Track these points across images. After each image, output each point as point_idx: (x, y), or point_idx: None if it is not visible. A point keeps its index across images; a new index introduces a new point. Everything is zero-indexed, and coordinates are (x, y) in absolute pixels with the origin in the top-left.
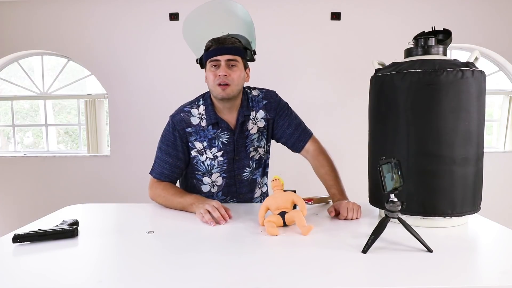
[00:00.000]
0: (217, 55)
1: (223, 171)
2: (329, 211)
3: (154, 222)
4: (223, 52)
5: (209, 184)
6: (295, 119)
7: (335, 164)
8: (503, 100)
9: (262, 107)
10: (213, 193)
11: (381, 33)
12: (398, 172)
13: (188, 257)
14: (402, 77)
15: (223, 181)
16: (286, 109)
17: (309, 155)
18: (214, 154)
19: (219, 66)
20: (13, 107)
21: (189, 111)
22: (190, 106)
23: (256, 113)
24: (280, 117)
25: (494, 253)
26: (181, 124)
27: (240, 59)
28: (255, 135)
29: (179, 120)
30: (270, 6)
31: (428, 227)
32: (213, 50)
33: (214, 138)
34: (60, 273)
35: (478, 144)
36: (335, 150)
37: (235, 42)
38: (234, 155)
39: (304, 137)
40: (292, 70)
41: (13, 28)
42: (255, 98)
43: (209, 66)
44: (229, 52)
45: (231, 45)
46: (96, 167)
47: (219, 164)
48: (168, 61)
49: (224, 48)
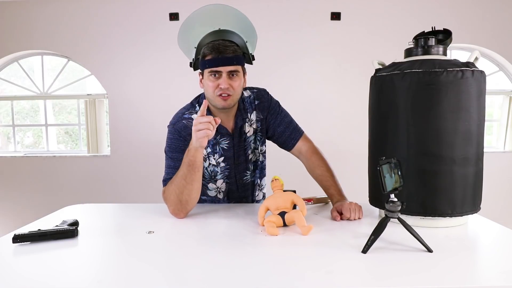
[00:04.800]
0: (219, 66)
1: (226, 177)
2: (335, 216)
3: (154, 222)
4: (225, 63)
5: (215, 190)
6: (286, 117)
7: (329, 163)
8: (503, 100)
9: (255, 108)
10: (220, 199)
11: (381, 33)
12: (398, 172)
13: (188, 257)
14: (402, 77)
15: (226, 187)
16: (277, 107)
17: (302, 155)
18: (216, 161)
19: (220, 76)
20: (13, 107)
21: (190, 117)
22: (189, 113)
23: (251, 115)
24: (272, 115)
25: (494, 253)
26: (186, 130)
27: (241, 67)
28: (252, 137)
29: (183, 127)
30: (270, 6)
31: (428, 227)
32: (213, 60)
33: (215, 144)
34: (60, 273)
35: (478, 144)
36: (335, 150)
37: (236, 51)
38: (234, 160)
39: (295, 135)
40: (292, 70)
41: (13, 28)
42: (247, 99)
43: (208, 75)
44: (230, 63)
45: (232, 55)
46: (96, 167)
47: (222, 170)
48: (168, 61)
49: (225, 58)
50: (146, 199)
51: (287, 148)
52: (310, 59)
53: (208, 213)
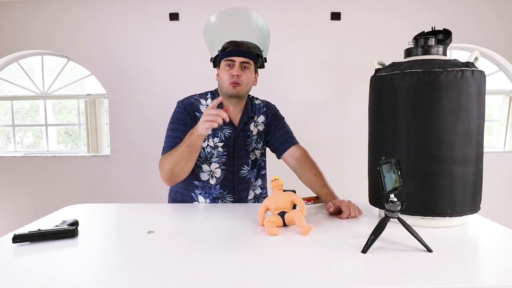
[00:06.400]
0: (233, 56)
1: (222, 163)
2: (328, 207)
3: (154, 222)
4: (239, 54)
5: (208, 173)
6: (286, 127)
7: (321, 170)
8: (503, 100)
9: (263, 112)
10: (212, 185)
11: (381, 33)
12: (398, 172)
13: (188, 257)
14: (402, 77)
15: (221, 174)
16: (281, 118)
17: (294, 159)
18: (215, 144)
19: (233, 66)
20: (13, 107)
21: (198, 99)
22: (199, 96)
23: (258, 118)
24: (275, 121)
25: (494, 253)
26: (192, 107)
27: (253, 63)
28: (255, 137)
29: (190, 103)
30: (270, 6)
31: (428, 227)
32: (230, 51)
33: (217, 129)
34: (60, 273)
35: (478, 144)
36: (335, 150)
37: (251, 48)
38: (234, 150)
39: (291, 141)
40: (292, 70)
41: (13, 28)
42: (257, 106)
43: (224, 65)
44: (244, 55)
45: (247, 49)
46: (96, 167)
47: (219, 154)
48: (168, 61)
49: (240, 50)
50: (146, 199)
51: (282, 150)
52: (310, 59)
53: (208, 213)
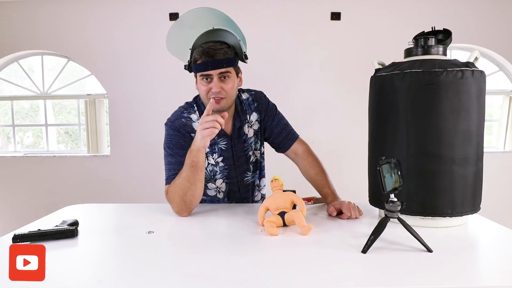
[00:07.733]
0: (208, 70)
1: (225, 177)
2: (331, 211)
3: (154, 222)
4: (215, 66)
5: (214, 190)
6: (282, 120)
7: (324, 166)
8: (503, 100)
9: (254, 109)
10: (220, 199)
11: (381, 33)
12: (397, 172)
13: (188, 257)
14: (402, 77)
15: (227, 187)
16: (274, 109)
17: (298, 156)
18: (215, 160)
19: (211, 79)
20: (13, 107)
21: (189, 116)
22: (187, 112)
23: (250, 116)
24: (269, 117)
25: (494, 253)
26: (185, 128)
27: (233, 69)
28: (252, 139)
29: (182, 125)
30: (270, 6)
31: (428, 227)
32: (203, 63)
33: (213, 144)
34: (60, 273)
35: (478, 144)
36: (335, 150)
37: (226, 53)
38: (234, 161)
39: (292, 137)
40: (292, 70)
41: (13, 28)
42: (246, 101)
43: (200, 79)
44: (221, 66)
45: (222, 57)
46: (96, 167)
47: (221, 170)
48: (168, 61)
49: (215, 61)
50: (146, 199)
51: (284, 149)
52: (310, 59)
53: (208, 213)
